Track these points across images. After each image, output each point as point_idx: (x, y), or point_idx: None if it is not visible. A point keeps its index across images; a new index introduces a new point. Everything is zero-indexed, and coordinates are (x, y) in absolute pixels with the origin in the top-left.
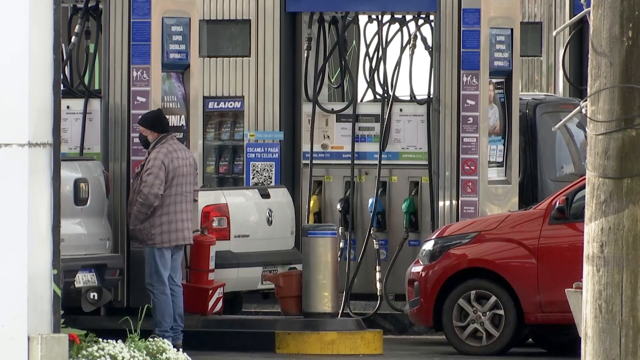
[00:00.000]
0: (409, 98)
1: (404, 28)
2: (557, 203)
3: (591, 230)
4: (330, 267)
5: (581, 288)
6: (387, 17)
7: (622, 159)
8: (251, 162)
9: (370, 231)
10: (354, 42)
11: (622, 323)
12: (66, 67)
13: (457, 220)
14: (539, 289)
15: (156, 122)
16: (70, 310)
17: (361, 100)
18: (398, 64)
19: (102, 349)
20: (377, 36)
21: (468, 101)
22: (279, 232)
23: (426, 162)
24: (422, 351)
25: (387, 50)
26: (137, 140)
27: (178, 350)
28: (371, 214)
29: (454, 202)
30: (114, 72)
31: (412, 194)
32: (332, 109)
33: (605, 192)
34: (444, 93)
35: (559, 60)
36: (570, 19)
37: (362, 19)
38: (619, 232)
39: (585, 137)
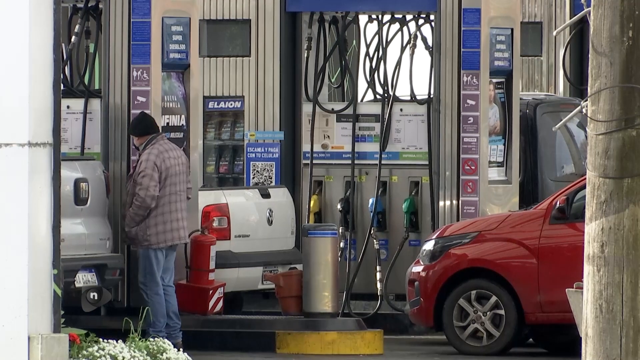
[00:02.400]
0: (409, 98)
1: (404, 28)
2: (558, 203)
3: (592, 230)
4: (330, 267)
5: (582, 288)
6: (387, 17)
7: (623, 158)
8: (251, 162)
9: (370, 231)
10: (354, 42)
11: (622, 323)
12: (66, 67)
13: (458, 220)
14: (539, 289)
15: (136, 126)
16: (70, 310)
17: (361, 100)
18: (398, 63)
19: (103, 349)
20: (377, 36)
21: (468, 101)
22: (279, 232)
23: (426, 162)
24: (423, 351)
25: (387, 50)
26: None
27: (178, 350)
28: (371, 214)
29: (454, 202)
30: (114, 72)
31: (413, 194)
32: (333, 109)
33: (606, 192)
34: (444, 93)
35: (559, 60)
36: (570, 18)
37: (362, 18)
38: (620, 232)
39: (586, 137)
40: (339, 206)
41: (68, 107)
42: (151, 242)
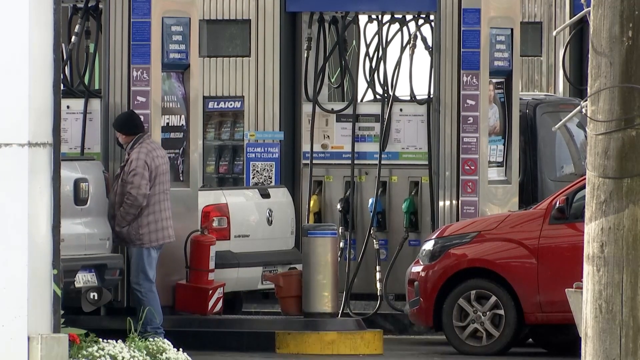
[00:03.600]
0: (409, 98)
1: (404, 28)
2: (557, 203)
3: (591, 230)
4: (330, 267)
5: (581, 288)
6: (387, 17)
7: (622, 158)
8: (251, 162)
9: (370, 231)
10: (354, 42)
11: (622, 323)
12: (66, 67)
13: (457, 220)
14: (539, 289)
15: (125, 125)
16: (70, 310)
17: (361, 100)
18: (398, 64)
19: (102, 349)
20: (377, 36)
21: (468, 101)
22: (279, 232)
23: (426, 162)
24: (422, 351)
25: (387, 50)
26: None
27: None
28: (371, 214)
29: (454, 202)
30: (114, 72)
31: (412, 194)
32: (332, 109)
33: (606, 192)
34: (444, 93)
35: (559, 60)
36: (570, 18)
37: (362, 18)
38: (619, 232)
39: (585, 137)
40: (338, 206)
41: (68, 107)
42: (144, 241)
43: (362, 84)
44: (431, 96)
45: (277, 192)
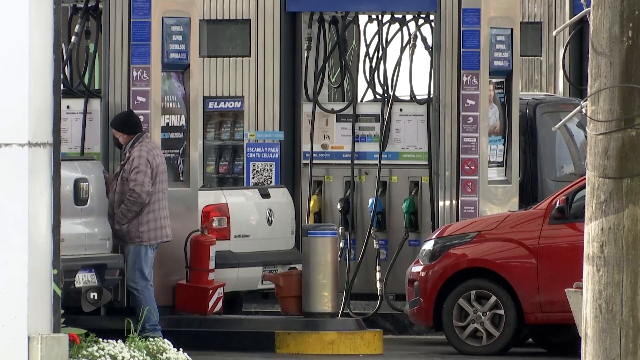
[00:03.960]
0: (409, 98)
1: (404, 28)
2: (557, 203)
3: (591, 230)
4: (330, 267)
5: (581, 288)
6: (387, 17)
7: (622, 158)
8: (251, 162)
9: (370, 231)
10: (354, 42)
11: (622, 323)
12: (66, 67)
13: (457, 220)
14: (539, 288)
15: (125, 124)
16: (70, 310)
17: (361, 100)
18: (398, 63)
19: (102, 349)
20: (377, 36)
21: (468, 101)
22: (279, 232)
23: (426, 162)
24: (422, 351)
25: (387, 50)
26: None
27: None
28: (371, 214)
29: (454, 202)
30: (114, 72)
31: (412, 193)
32: (332, 109)
33: (605, 192)
34: (444, 93)
35: (559, 60)
36: (570, 18)
37: (362, 18)
38: (619, 232)
39: (585, 137)
40: (338, 206)
41: (68, 107)
42: (143, 239)
43: (362, 84)
44: (431, 96)
45: (277, 192)
